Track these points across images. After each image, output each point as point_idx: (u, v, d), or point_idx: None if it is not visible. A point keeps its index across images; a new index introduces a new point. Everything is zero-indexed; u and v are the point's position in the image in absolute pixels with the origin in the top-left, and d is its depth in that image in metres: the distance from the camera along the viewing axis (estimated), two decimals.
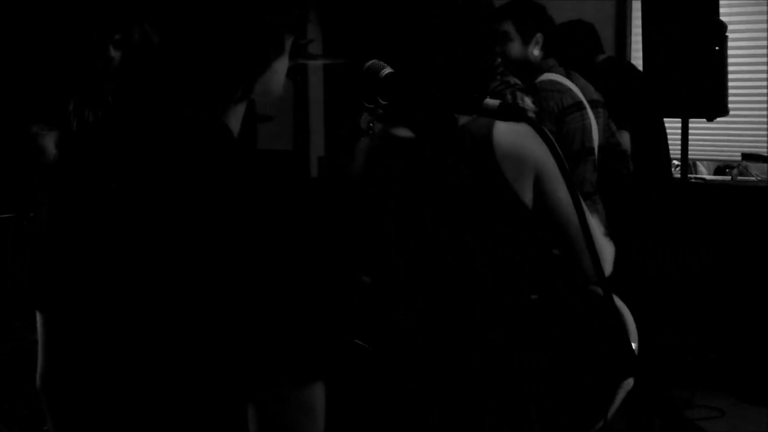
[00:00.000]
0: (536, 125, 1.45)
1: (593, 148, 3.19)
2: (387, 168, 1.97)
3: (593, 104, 3.25)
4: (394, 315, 2.00)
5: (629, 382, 1.93)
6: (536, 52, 3.18)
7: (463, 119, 1.91)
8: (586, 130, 3.13)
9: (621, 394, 1.95)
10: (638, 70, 4.25)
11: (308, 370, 1.15)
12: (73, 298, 1.22)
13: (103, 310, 1.19)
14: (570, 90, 3.13)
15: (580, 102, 3.14)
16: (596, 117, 3.25)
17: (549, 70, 3.17)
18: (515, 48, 3.19)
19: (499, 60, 2.68)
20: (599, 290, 1.93)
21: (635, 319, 2.10)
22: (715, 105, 3.80)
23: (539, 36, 3.17)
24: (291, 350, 1.13)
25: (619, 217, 3.62)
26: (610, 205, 3.39)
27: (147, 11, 1.13)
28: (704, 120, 4.14)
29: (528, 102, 2.47)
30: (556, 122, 3.07)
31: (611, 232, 3.25)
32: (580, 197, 1.61)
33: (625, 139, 3.89)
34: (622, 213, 3.82)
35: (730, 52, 3.83)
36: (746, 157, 4.82)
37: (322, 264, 1.15)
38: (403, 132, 1.97)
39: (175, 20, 1.13)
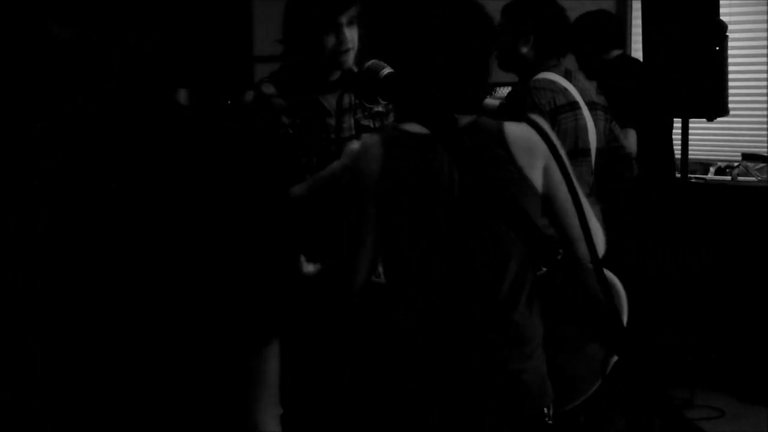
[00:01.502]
0: (536, 125, 1.51)
1: (588, 150, 3.17)
2: (403, 162, 1.97)
3: (592, 106, 3.24)
4: (404, 314, 2.02)
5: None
6: (524, 49, 3.17)
7: (465, 119, 1.95)
8: (580, 131, 3.12)
9: (613, 362, 2.15)
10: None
11: (255, 336, 1.29)
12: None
13: (100, 309, 1.22)
14: (565, 90, 3.12)
15: (575, 102, 3.12)
16: (595, 119, 3.23)
17: (548, 69, 3.16)
18: (505, 42, 3.18)
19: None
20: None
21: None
22: (715, 105, 3.80)
23: (530, 34, 3.17)
24: (238, 318, 1.26)
25: (618, 220, 3.61)
26: (610, 209, 3.38)
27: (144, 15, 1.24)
28: (704, 120, 4.14)
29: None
30: (549, 121, 3.06)
31: (609, 235, 3.26)
32: (578, 186, 1.75)
33: (631, 137, 3.87)
34: (623, 216, 3.81)
35: (730, 52, 3.83)
36: (746, 157, 4.82)
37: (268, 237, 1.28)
38: (417, 128, 1.97)
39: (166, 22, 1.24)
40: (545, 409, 2.01)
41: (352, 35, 2.53)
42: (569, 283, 2.03)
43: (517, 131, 1.97)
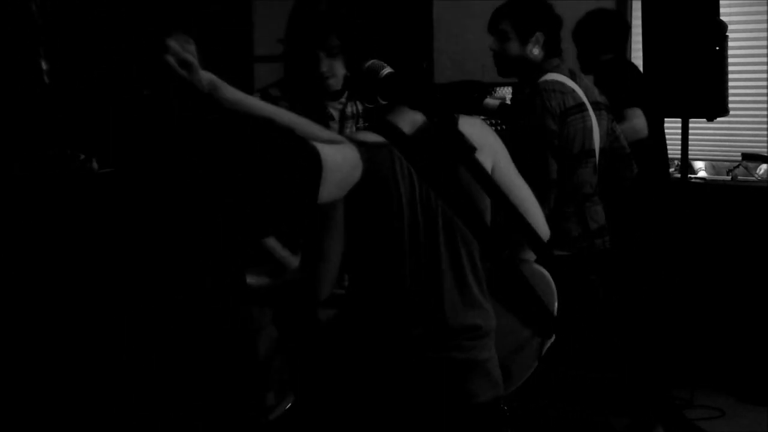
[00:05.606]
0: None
1: (593, 150, 3.18)
2: (364, 171, 1.99)
3: (596, 106, 3.24)
4: (374, 318, 2.05)
5: (552, 338, 2.30)
6: (536, 51, 3.16)
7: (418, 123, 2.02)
8: (587, 132, 3.12)
9: (546, 346, 2.31)
10: (639, 71, 4.24)
11: None
12: None
13: None
14: (573, 91, 3.12)
15: (582, 104, 3.13)
16: (599, 119, 3.24)
17: (552, 70, 3.16)
18: (513, 47, 3.18)
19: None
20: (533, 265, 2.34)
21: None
22: (715, 105, 3.80)
23: (539, 35, 3.16)
24: None
25: (621, 219, 3.61)
26: (613, 208, 3.38)
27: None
28: (704, 120, 4.14)
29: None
30: (558, 123, 3.06)
31: (612, 234, 3.27)
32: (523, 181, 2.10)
33: (637, 118, 3.87)
34: (625, 215, 3.81)
35: (730, 52, 3.83)
36: (746, 157, 4.81)
37: None
38: (372, 137, 2.00)
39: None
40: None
41: (331, 65, 2.70)
42: (512, 277, 2.12)
43: (468, 129, 2.01)
